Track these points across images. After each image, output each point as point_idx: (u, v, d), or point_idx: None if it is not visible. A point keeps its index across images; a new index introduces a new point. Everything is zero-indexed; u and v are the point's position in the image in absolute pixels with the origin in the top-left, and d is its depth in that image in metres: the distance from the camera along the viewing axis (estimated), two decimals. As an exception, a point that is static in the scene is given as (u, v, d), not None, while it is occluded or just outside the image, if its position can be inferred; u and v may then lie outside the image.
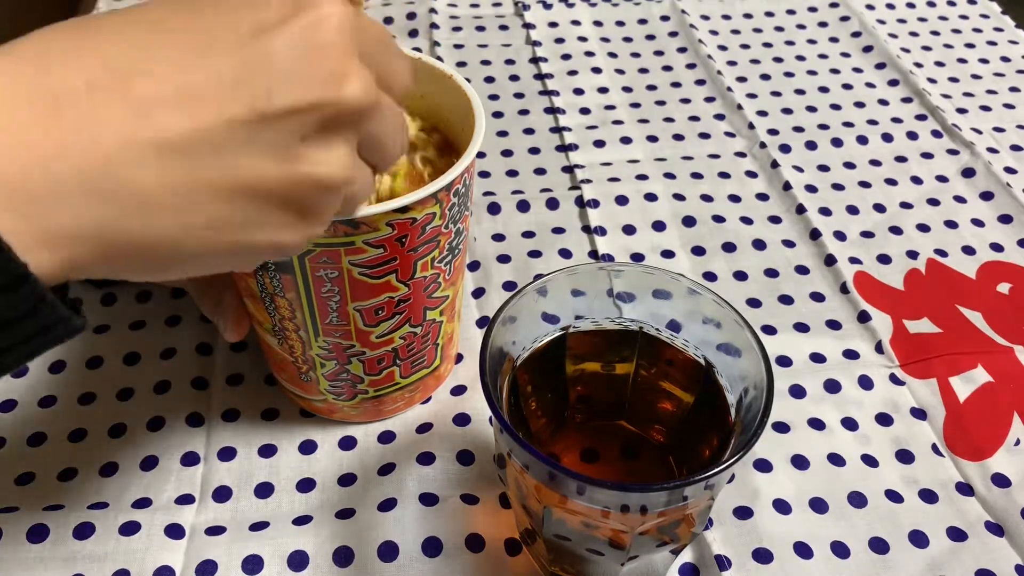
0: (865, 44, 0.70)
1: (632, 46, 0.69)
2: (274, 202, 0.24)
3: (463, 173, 0.34)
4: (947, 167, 0.58)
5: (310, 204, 0.25)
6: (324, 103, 0.23)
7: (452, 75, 0.38)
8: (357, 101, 0.24)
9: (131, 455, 0.41)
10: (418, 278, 0.36)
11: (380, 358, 0.38)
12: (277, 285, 0.35)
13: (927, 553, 0.38)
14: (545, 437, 0.36)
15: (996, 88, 0.66)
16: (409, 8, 0.71)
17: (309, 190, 0.24)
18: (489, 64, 0.67)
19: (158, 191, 0.22)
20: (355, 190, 0.27)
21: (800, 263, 0.51)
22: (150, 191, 0.22)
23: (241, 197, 0.23)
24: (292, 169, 0.24)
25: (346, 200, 0.27)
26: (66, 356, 0.45)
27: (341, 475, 0.40)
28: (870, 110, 0.63)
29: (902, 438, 0.43)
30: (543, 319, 0.36)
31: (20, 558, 0.36)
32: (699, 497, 0.31)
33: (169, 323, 0.47)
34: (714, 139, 0.60)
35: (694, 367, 0.35)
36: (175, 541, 0.37)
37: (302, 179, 0.24)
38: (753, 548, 0.38)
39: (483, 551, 0.37)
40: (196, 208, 0.23)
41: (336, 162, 0.25)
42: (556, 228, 0.53)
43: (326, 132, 0.24)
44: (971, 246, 0.53)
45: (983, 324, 0.48)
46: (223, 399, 0.43)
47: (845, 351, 0.46)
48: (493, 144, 0.59)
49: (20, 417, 0.42)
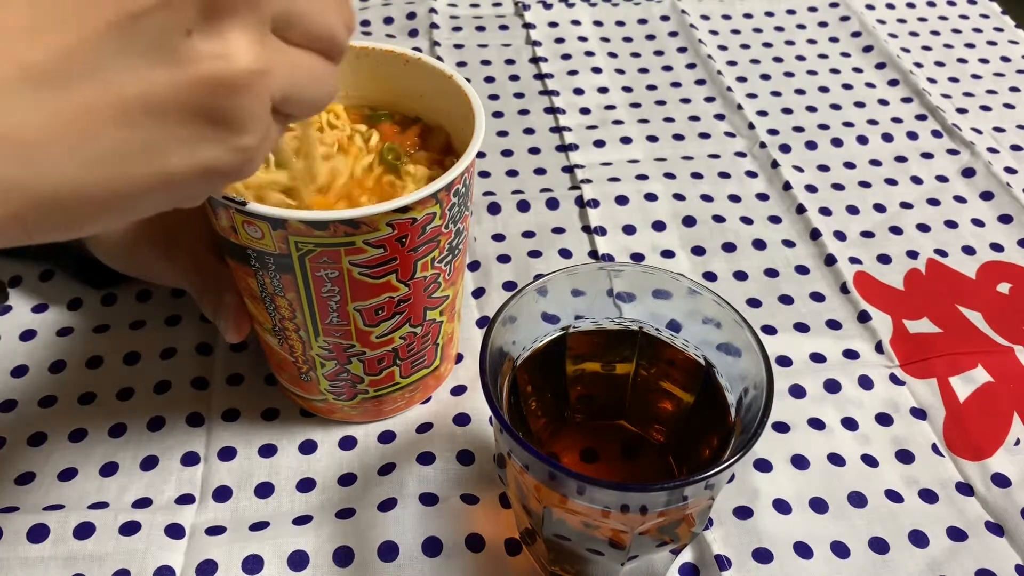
0: (865, 44, 0.70)
1: (632, 46, 0.69)
2: (176, 115, 0.21)
3: (463, 173, 0.34)
4: (947, 167, 0.58)
5: (221, 109, 0.22)
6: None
7: (452, 75, 0.38)
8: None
9: (131, 455, 0.41)
10: (418, 278, 0.36)
11: (380, 358, 0.38)
12: (277, 285, 0.35)
13: (927, 553, 0.38)
14: (545, 437, 0.36)
15: (996, 88, 0.66)
16: (409, 8, 0.71)
17: (211, 92, 0.21)
18: (489, 64, 0.67)
19: (39, 130, 0.19)
20: (281, 82, 0.23)
21: (800, 263, 0.51)
22: (30, 132, 0.19)
23: (135, 116, 0.20)
24: (182, 71, 0.20)
25: (286, 99, 0.23)
26: (66, 356, 0.45)
27: (341, 475, 0.40)
28: (870, 110, 0.63)
29: (902, 438, 0.43)
30: (543, 319, 0.36)
31: (20, 558, 0.36)
32: (699, 497, 0.31)
33: (169, 323, 0.47)
34: (714, 139, 0.60)
35: (694, 367, 0.35)
36: (175, 541, 0.37)
37: (197, 80, 0.21)
38: (753, 548, 0.38)
39: (483, 551, 0.37)
40: (88, 141, 0.20)
41: (235, 53, 0.21)
42: (556, 228, 0.53)
43: (213, 19, 0.21)
44: (971, 246, 0.53)
45: (983, 324, 0.48)
46: (223, 399, 0.43)
47: (845, 351, 0.46)
48: (493, 144, 0.59)
49: (20, 417, 0.42)
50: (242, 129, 0.22)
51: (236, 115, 0.22)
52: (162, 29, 0.20)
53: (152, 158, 0.21)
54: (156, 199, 0.23)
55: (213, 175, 0.23)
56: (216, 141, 0.22)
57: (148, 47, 0.20)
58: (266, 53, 0.22)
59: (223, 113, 0.22)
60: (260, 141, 0.23)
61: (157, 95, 0.20)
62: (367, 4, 0.72)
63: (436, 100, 0.40)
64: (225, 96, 0.21)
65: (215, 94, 0.21)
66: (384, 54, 0.40)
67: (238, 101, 0.22)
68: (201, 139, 0.22)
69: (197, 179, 0.23)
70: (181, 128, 0.21)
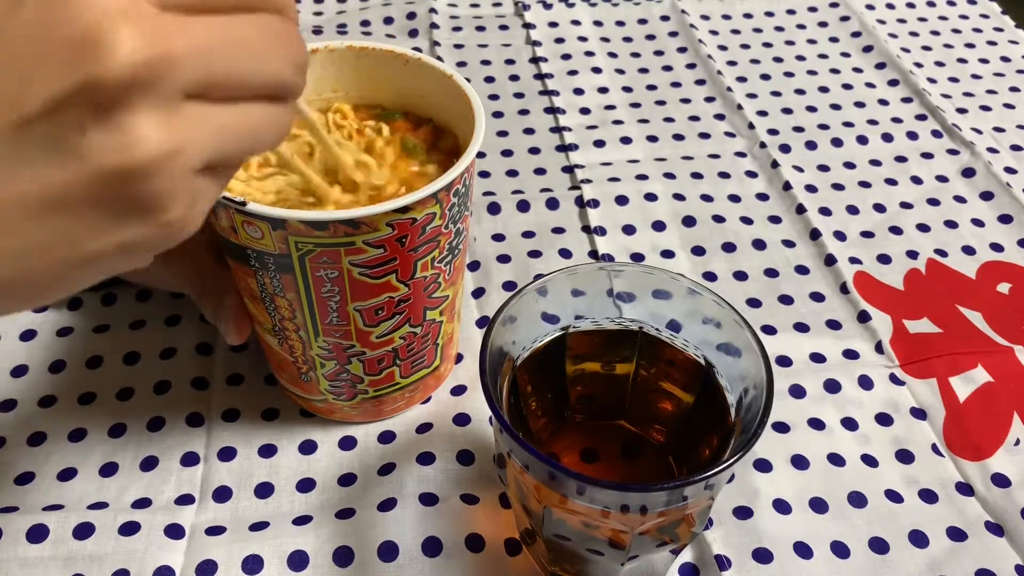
0: (865, 44, 0.70)
1: (632, 46, 0.69)
2: (86, 208, 0.21)
3: (463, 173, 0.34)
4: (947, 167, 0.58)
5: (132, 198, 0.21)
6: (84, 86, 0.19)
7: (452, 75, 0.38)
8: (124, 68, 0.19)
9: (131, 455, 0.41)
10: (418, 278, 0.36)
11: (380, 358, 0.38)
12: (277, 285, 0.35)
13: (927, 553, 0.38)
14: (545, 437, 0.36)
15: (996, 88, 0.66)
16: (409, 8, 0.71)
17: (116, 183, 0.21)
18: (489, 64, 0.67)
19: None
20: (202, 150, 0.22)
21: (800, 263, 0.51)
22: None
23: (43, 214, 0.20)
24: (82, 168, 0.20)
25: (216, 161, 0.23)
26: (66, 356, 0.45)
27: (341, 475, 0.40)
28: (870, 110, 0.63)
29: (902, 438, 0.43)
30: (543, 319, 0.36)
31: (20, 558, 0.36)
32: (699, 497, 0.31)
33: (169, 323, 0.47)
34: (714, 139, 0.60)
35: (694, 367, 0.35)
36: (175, 541, 0.37)
37: (100, 175, 0.20)
38: (753, 548, 0.38)
39: (483, 551, 0.37)
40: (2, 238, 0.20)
41: (136, 142, 0.20)
42: (556, 228, 0.53)
43: (107, 112, 0.20)
44: (971, 246, 0.53)
45: (983, 324, 0.48)
46: (223, 399, 0.43)
47: (845, 351, 0.46)
48: (493, 144, 0.59)
49: (20, 417, 0.42)
50: (162, 209, 0.22)
51: (150, 199, 0.21)
52: (56, 131, 0.20)
53: (69, 247, 0.21)
54: (80, 280, 0.23)
55: (140, 250, 0.23)
56: (135, 223, 0.22)
57: (45, 149, 0.20)
58: (176, 130, 0.21)
59: (135, 200, 0.21)
60: (186, 210, 0.22)
61: (62, 193, 0.20)
62: (367, 4, 0.72)
63: (436, 100, 0.40)
64: (133, 185, 0.21)
65: (122, 185, 0.21)
66: (384, 54, 0.40)
67: (149, 186, 0.21)
68: (118, 225, 0.21)
69: (122, 258, 0.22)
70: (94, 218, 0.21)
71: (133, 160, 0.20)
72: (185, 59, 0.21)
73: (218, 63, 0.22)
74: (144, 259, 0.24)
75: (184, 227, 0.23)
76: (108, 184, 0.21)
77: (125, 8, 0.20)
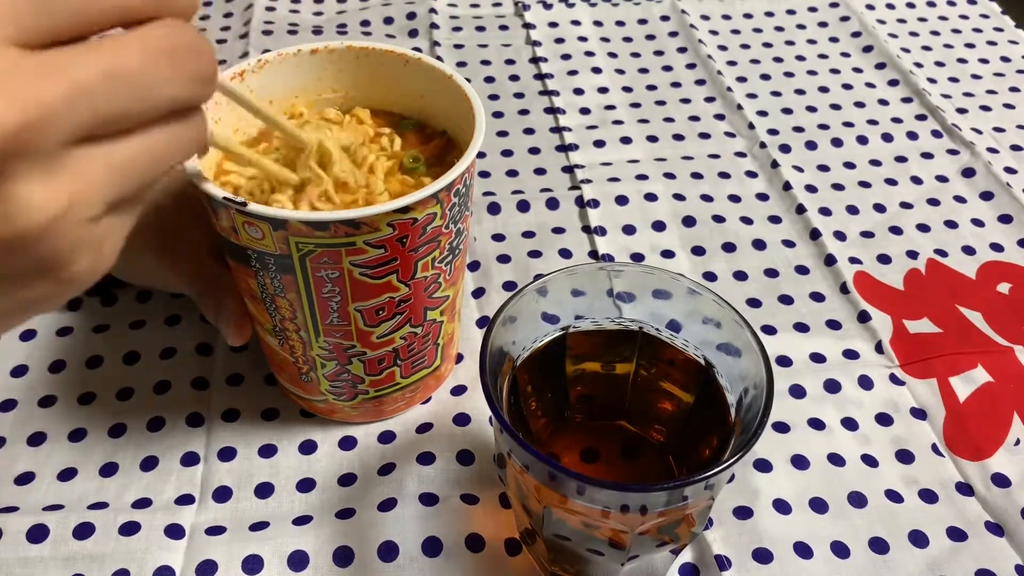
0: (865, 44, 0.70)
1: (632, 46, 0.69)
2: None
3: (463, 173, 0.34)
4: (947, 167, 0.58)
5: (27, 262, 0.20)
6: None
7: (452, 75, 0.38)
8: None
9: (131, 455, 0.41)
10: (419, 278, 0.36)
11: (381, 358, 0.38)
12: (278, 286, 0.35)
13: (927, 553, 0.38)
14: (545, 437, 0.36)
15: (996, 88, 0.66)
16: (409, 8, 0.71)
17: (8, 252, 0.20)
18: (489, 64, 0.67)
19: None
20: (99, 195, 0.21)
21: (800, 263, 0.51)
22: None
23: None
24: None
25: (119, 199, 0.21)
26: (66, 356, 0.45)
27: (341, 475, 0.40)
28: (870, 110, 0.63)
29: (902, 438, 0.43)
30: (543, 319, 0.36)
31: (20, 558, 0.36)
32: (699, 497, 0.31)
33: (169, 323, 0.47)
34: (714, 139, 0.60)
35: (694, 367, 0.35)
36: (175, 541, 0.37)
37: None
38: (753, 548, 0.38)
39: (483, 551, 0.37)
40: None
41: (18, 211, 0.19)
42: (556, 228, 0.53)
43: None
44: (971, 246, 0.53)
45: (983, 324, 0.48)
46: (223, 399, 0.43)
47: (845, 351, 0.46)
48: (493, 144, 0.59)
49: (20, 417, 0.42)
50: (62, 266, 0.21)
51: (48, 259, 0.20)
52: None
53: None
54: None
55: (48, 303, 0.22)
56: (37, 283, 0.21)
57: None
58: (63, 186, 0.20)
59: (34, 263, 0.20)
60: (92, 259, 0.21)
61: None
62: (367, 4, 0.72)
63: (436, 100, 0.40)
64: (27, 251, 0.20)
65: (16, 253, 0.20)
66: (384, 54, 0.40)
67: (44, 248, 0.20)
68: (20, 287, 0.21)
69: (30, 312, 0.22)
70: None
71: (21, 228, 0.19)
72: (61, 109, 0.19)
73: (101, 101, 0.20)
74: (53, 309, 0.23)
75: (94, 273, 0.22)
76: (1, 254, 0.20)
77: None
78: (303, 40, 0.60)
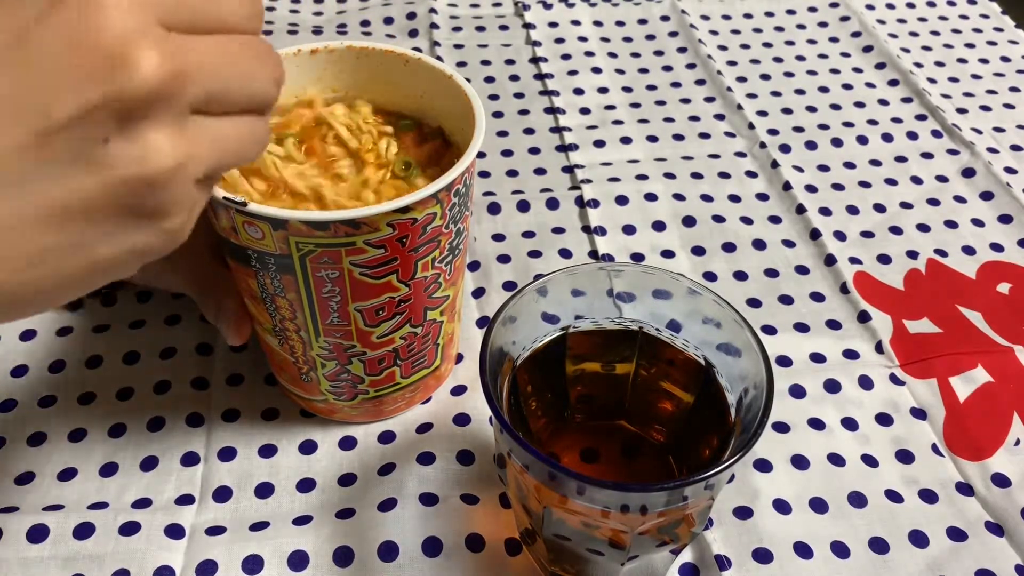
0: (865, 44, 0.70)
1: (632, 46, 0.69)
2: (102, 215, 0.22)
3: (463, 173, 0.34)
4: (947, 167, 0.58)
5: (145, 205, 0.23)
6: (109, 98, 0.21)
7: (452, 75, 0.38)
8: (147, 83, 0.21)
9: (131, 455, 0.41)
10: (419, 278, 0.36)
11: (381, 358, 0.38)
12: (278, 286, 0.35)
13: (927, 553, 0.38)
14: (545, 437, 0.36)
15: (996, 88, 0.66)
16: (409, 8, 0.71)
17: (133, 191, 0.22)
18: (489, 64, 0.67)
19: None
20: (204, 161, 0.23)
21: (800, 263, 0.51)
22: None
23: (61, 221, 0.22)
24: (103, 177, 0.21)
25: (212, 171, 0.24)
26: (66, 356, 0.45)
27: (341, 475, 0.40)
28: (870, 110, 0.63)
29: (902, 438, 0.43)
30: (543, 319, 0.36)
31: (20, 558, 0.36)
32: (699, 497, 0.31)
33: (169, 323, 0.47)
34: (714, 139, 0.60)
35: (694, 367, 0.35)
36: (175, 541, 0.37)
37: (118, 183, 0.22)
38: (753, 548, 0.38)
39: (483, 551, 0.37)
40: (16, 248, 0.21)
41: (153, 153, 0.22)
42: (556, 228, 0.53)
43: (128, 124, 0.21)
44: (971, 246, 0.53)
45: (983, 324, 0.48)
46: (223, 399, 0.43)
47: (845, 351, 0.46)
48: (493, 144, 0.59)
49: (20, 417, 0.42)
50: (167, 216, 0.23)
51: (160, 206, 0.23)
52: (81, 140, 0.21)
53: (81, 253, 0.23)
54: (86, 285, 0.24)
55: (143, 255, 0.24)
56: (143, 229, 0.23)
57: (69, 157, 0.21)
58: (185, 142, 0.23)
59: (147, 207, 0.23)
60: (186, 218, 0.24)
61: (81, 200, 0.22)
62: (367, 4, 0.72)
63: (436, 100, 0.40)
64: (148, 194, 0.22)
65: (138, 193, 0.22)
66: (384, 54, 0.40)
67: (161, 195, 0.23)
68: (128, 230, 0.23)
69: (127, 262, 0.24)
70: (108, 225, 0.22)
71: (150, 170, 0.22)
72: (194, 75, 0.22)
73: (219, 79, 0.23)
74: (141, 264, 0.25)
75: (182, 234, 0.25)
76: (126, 192, 0.22)
77: (144, 28, 0.21)
78: (303, 40, 0.60)
